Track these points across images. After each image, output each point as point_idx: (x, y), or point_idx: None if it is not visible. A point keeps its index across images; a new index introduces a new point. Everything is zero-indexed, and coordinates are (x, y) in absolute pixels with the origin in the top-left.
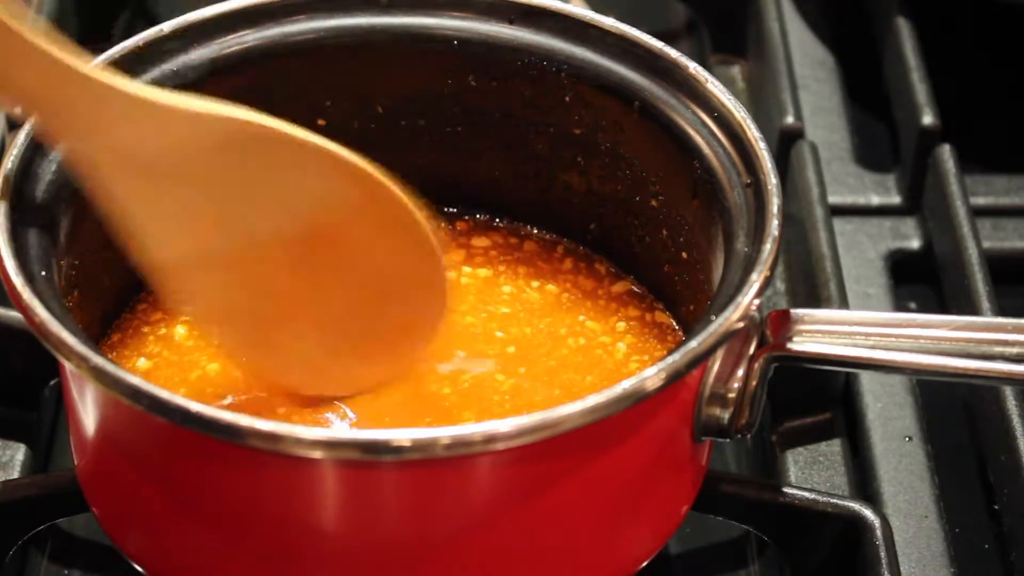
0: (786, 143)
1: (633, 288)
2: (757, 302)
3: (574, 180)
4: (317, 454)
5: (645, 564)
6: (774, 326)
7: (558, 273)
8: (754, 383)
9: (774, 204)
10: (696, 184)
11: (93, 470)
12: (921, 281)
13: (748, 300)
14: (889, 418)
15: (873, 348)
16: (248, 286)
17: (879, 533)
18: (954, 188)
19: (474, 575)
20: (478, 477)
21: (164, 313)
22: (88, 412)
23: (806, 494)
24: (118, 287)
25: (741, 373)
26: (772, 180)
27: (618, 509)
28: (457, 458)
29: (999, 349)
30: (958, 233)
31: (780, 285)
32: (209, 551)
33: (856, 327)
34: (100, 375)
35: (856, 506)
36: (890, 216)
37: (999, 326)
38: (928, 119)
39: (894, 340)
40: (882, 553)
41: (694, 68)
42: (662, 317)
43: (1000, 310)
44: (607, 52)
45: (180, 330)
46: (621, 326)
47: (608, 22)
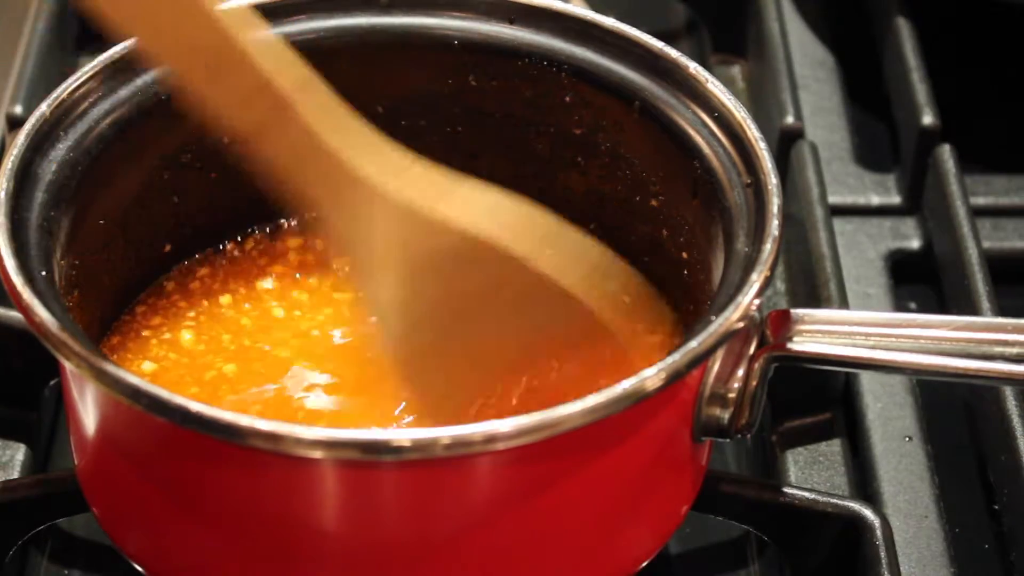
0: (786, 143)
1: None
2: (757, 302)
3: (574, 180)
4: (317, 454)
5: (645, 564)
6: (774, 326)
7: None
8: (754, 383)
9: (774, 204)
10: (696, 184)
11: (93, 470)
12: (921, 281)
13: (748, 300)
14: (889, 418)
15: (873, 348)
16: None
17: (879, 533)
18: (954, 188)
19: (474, 575)
20: (478, 477)
21: (164, 317)
22: (88, 412)
23: (806, 494)
24: (118, 288)
25: (741, 373)
26: (772, 180)
27: (618, 509)
28: (457, 458)
29: (999, 349)
30: (958, 233)
31: (780, 285)
32: (209, 551)
33: (856, 327)
34: (100, 375)
35: (856, 506)
36: (890, 216)
37: (999, 326)
38: (928, 119)
39: (894, 340)
40: (882, 553)
41: (694, 68)
42: None
43: (1000, 310)
44: (607, 52)
45: (185, 335)
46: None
47: (608, 22)
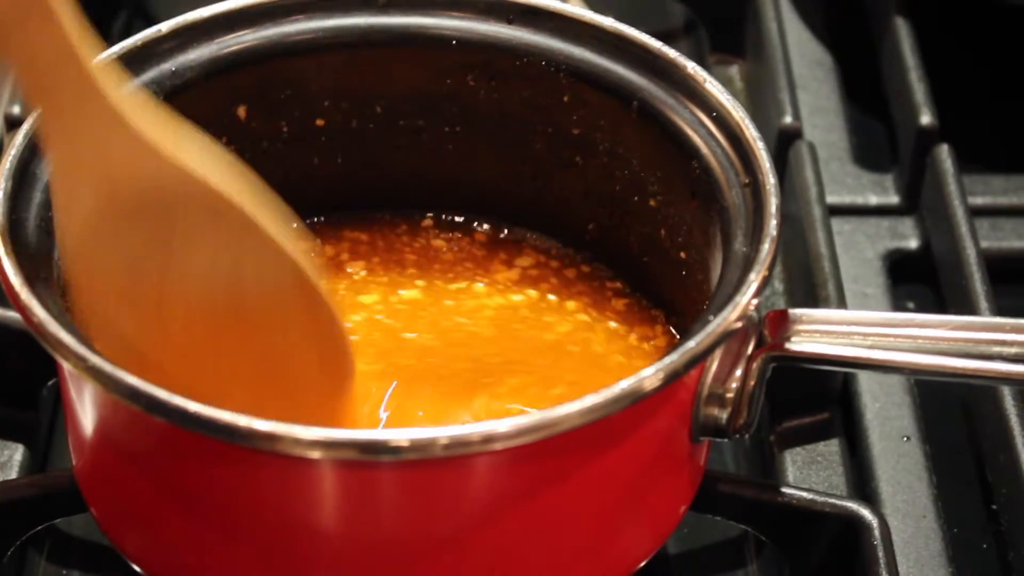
0: (784, 143)
1: (631, 288)
2: (755, 302)
3: (572, 180)
4: (315, 454)
5: (643, 564)
6: (772, 326)
7: (556, 272)
8: (752, 383)
9: (772, 204)
10: (694, 184)
11: (91, 470)
12: (919, 281)
13: (746, 300)
14: (887, 418)
15: (871, 348)
16: (163, 334)
17: (877, 533)
18: (952, 188)
19: (472, 575)
20: (476, 477)
21: None
22: (86, 412)
23: (804, 494)
24: None
25: (739, 373)
26: (770, 180)
27: (616, 509)
28: (455, 458)
29: (997, 349)
30: (956, 233)
31: (778, 285)
32: (207, 551)
33: (854, 327)
34: (98, 375)
35: (854, 506)
36: (888, 216)
37: (997, 326)
38: (926, 119)
39: (892, 340)
40: (880, 553)
41: (692, 68)
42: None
43: (998, 310)
44: (605, 52)
45: None
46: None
47: (606, 22)
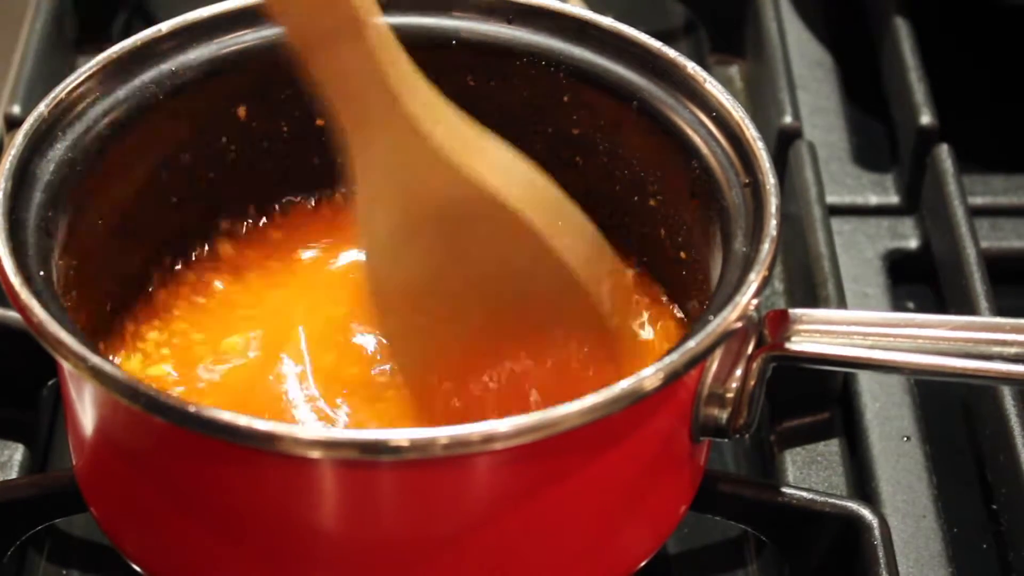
0: (784, 143)
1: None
2: (755, 302)
3: (572, 180)
4: (315, 454)
5: (644, 564)
6: (772, 326)
7: None
8: (752, 383)
9: (772, 204)
10: (694, 184)
11: (91, 470)
12: (919, 281)
13: (746, 300)
14: (887, 418)
15: (871, 348)
16: (456, 357)
17: (877, 533)
18: (952, 188)
19: (471, 575)
20: (476, 477)
21: (160, 320)
22: (86, 412)
23: (804, 494)
24: (117, 289)
25: (739, 373)
26: (770, 180)
27: (616, 509)
28: (455, 458)
29: (997, 349)
30: (956, 233)
31: (778, 285)
32: (207, 551)
33: (854, 327)
34: (98, 375)
35: (854, 506)
36: (888, 216)
37: (997, 326)
38: (926, 119)
39: (892, 340)
40: (880, 553)
41: (692, 68)
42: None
43: (998, 310)
44: (605, 52)
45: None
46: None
47: (606, 22)
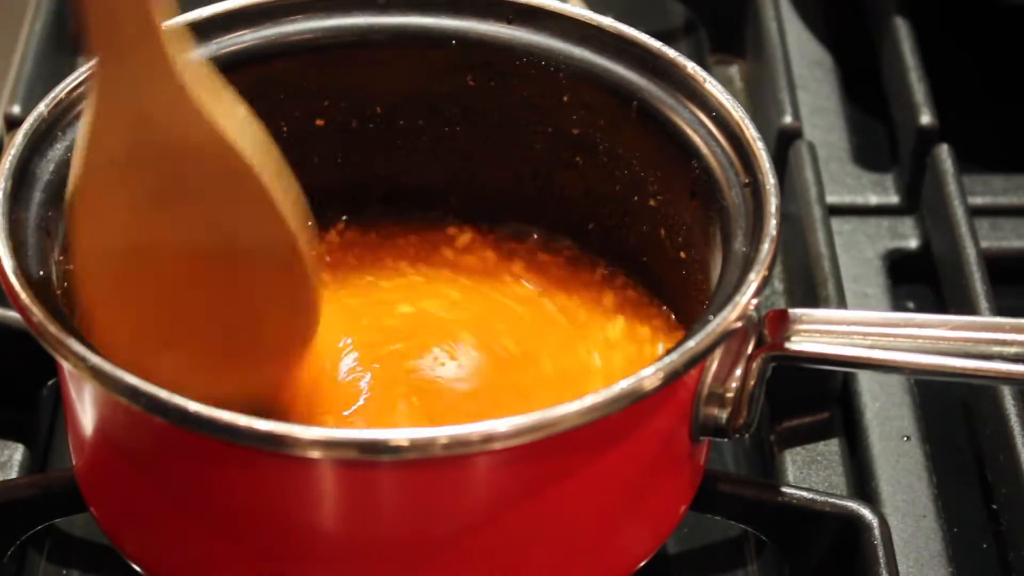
0: (784, 143)
1: (630, 288)
2: (755, 302)
3: (572, 180)
4: (315, 454)
5: (643, 564)
6: (772, 326)
7: (555, 272)
8: (752, 383)
9: (772, 204)
10: (694, 184)
11: (91, 470)
12: (919, 281)
13: (746, 300)
14: (887, 418)
15: (871, 348)
16: (150, 289)
17: (877, 532)
18: (952, 188)
19: (471, 575)
20: (476, 477)
21: None
22: (86, 412)
23: (804, 494)
24: None
25: (739, 373)
26: (770, 180)
27: (616, 509)
28: (455, 458)
29: (997, 349)
30: (956, 233)
31: (778, 285)
32: (207, 551)
33: (854, 327)
34: (98, 375)
35: (854, 505)
36: (888, 216)
37: (997, 326)
38: (926, 119)
39: (892, 340)
40: (880, 552)
41: (692, 68)
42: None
43: (998, 310)
44: (605, 52)
45: None
46: (619, 325)
47: (606, 22)
